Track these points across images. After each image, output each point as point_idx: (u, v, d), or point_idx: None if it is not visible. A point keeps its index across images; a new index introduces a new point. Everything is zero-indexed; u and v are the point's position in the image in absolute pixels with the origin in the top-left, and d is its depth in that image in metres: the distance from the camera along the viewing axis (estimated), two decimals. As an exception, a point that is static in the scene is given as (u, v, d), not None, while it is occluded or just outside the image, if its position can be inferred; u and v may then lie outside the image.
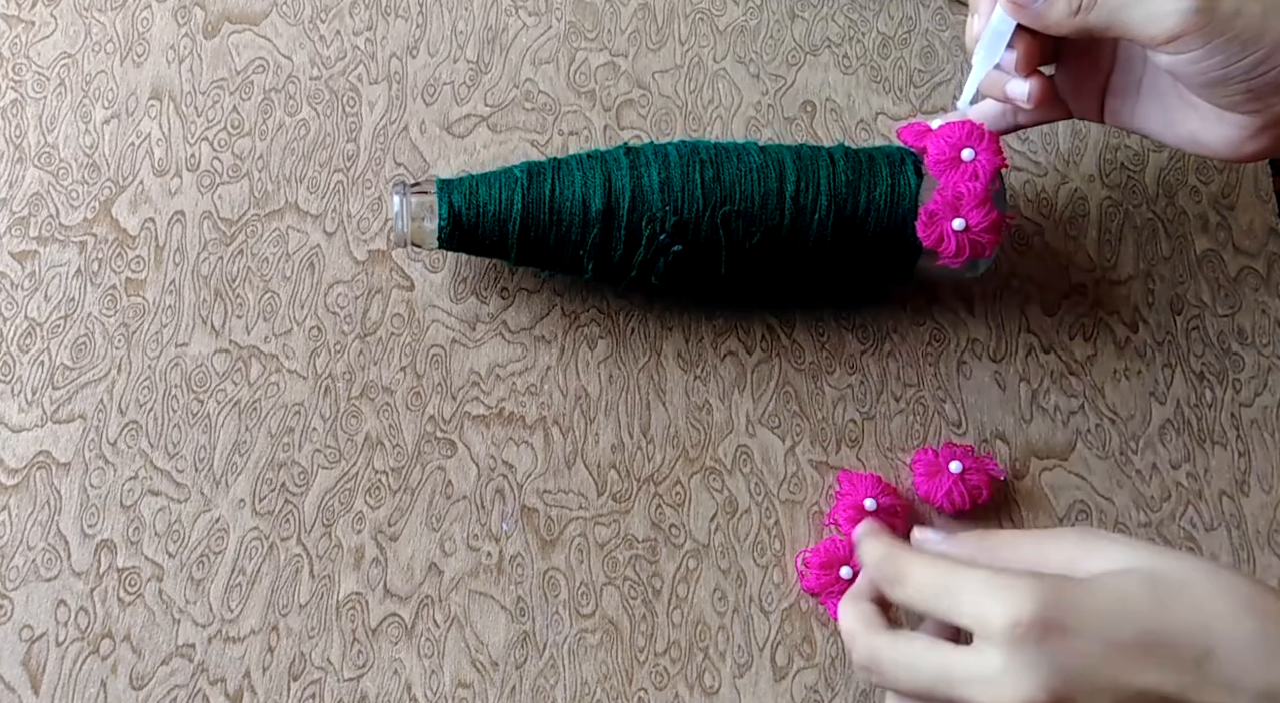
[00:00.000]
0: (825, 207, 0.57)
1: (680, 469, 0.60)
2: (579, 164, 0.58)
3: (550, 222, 0.57)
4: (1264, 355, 0.64)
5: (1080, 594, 0.43)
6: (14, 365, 0.60)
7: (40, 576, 0.56)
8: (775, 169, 0.58)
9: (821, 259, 0.59)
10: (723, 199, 0.57)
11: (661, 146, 0.59)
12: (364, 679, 0.56)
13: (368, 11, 0.68)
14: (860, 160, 0.59)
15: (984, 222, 0.56)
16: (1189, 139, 0.55)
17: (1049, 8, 0.51)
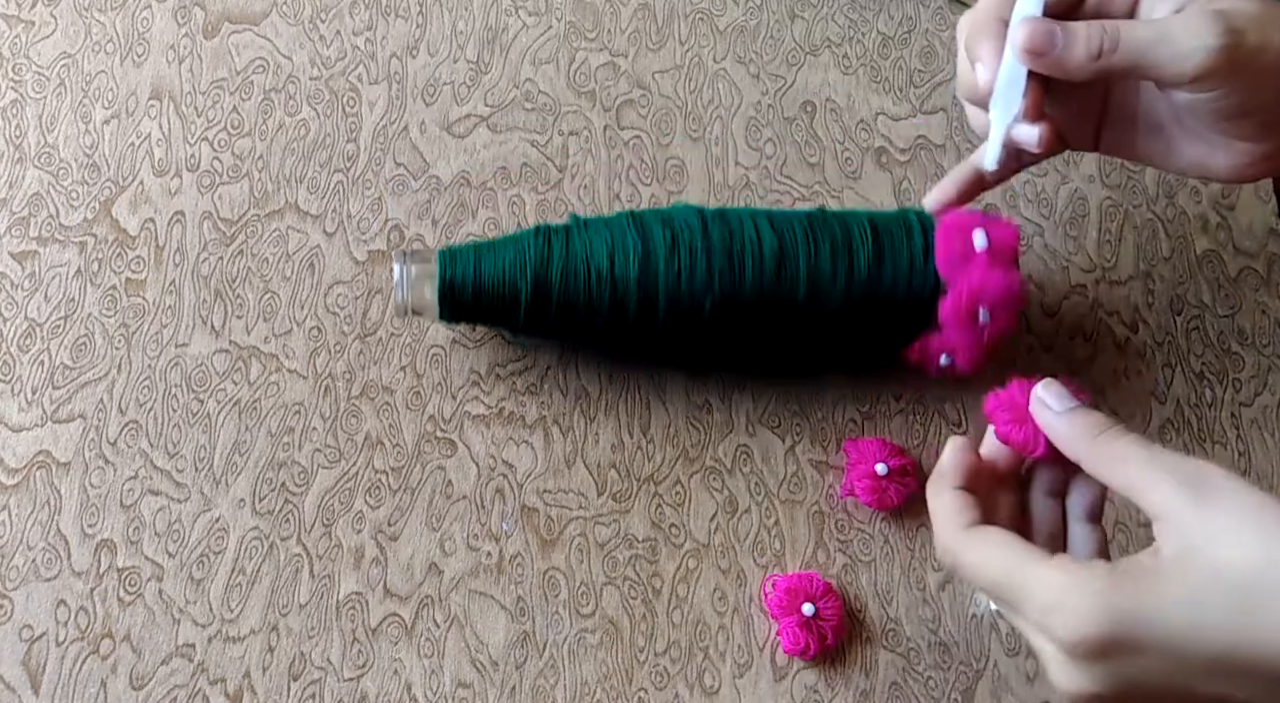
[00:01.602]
0: (843, 295, 0.56)
1: (680, 469, 0.60)
2: (586, 246, 0.56)
3: (558, 306, 0.56)
4: (1264, 355, 0.64)
5: (1156, 609, 0.40)
6: (14, 365, 0.60)
7: (40, 576, 0.56)
8: (794, 262, 0.56)
9: (836, 336, 0.59)
10: (739, 290, 0.56)
11: (673, 227, 0.57)
12: (364, 679, 0.56)
13: (368, 11, 0.68)
14: (880, 240, 0.57)
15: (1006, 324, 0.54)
16: (1191, 166, 0.53)
17: (1069, 54, 0.48)
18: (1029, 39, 0.49)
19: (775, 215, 0.57)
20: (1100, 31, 0.48)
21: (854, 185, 0.67)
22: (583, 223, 0.57)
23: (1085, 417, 0.46)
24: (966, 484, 0.48)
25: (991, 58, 0.50)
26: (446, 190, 0.65)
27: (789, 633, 0.56)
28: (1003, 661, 0.58)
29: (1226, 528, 0.41)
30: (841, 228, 0.57)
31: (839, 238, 0.57)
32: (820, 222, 0.57)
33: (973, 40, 0.51)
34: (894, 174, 0.67)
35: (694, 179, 0.66)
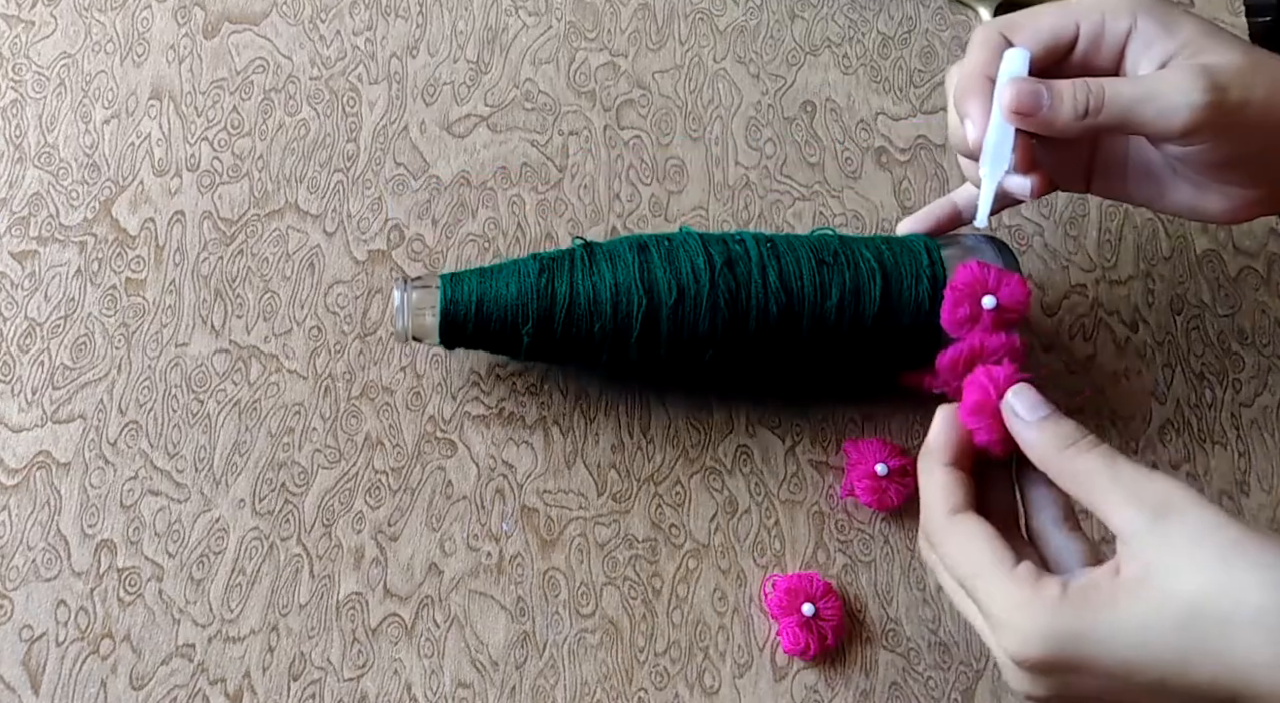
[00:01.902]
0: (845, 341, 0.57)
1: (680, 469, 0.60)
2: (590, 291, 0.56)
3: (560, 342, 0.56)
4: (1264, 355, 0.64)
5: (1102, 633, 0.41)
6: (14, 365, 0.60)
7: (40, 576, 0.56)
8: (799, 317, 0.56)
9: (833, 366, 0.59)
10: (742, 340, 0.56)
11: (679, 279, 0.56)
12: (364, 679, 0.56)
13: (368, 11, 0.68)
14: (889, 288, 0.56)
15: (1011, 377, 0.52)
16: (1184, 208, 0.54)
17: (1055, 114, 0.49)
18: (1015, 100, 0.49)
19: (784, 257, 0.57)
20: (1086, 90, 0.49)
21: (854, 185, 0.67)
22: (587, 256, 0.56)
23: (1055, 427, 0.46)
24: (957, 460, 0.47)
25: (980, 116, 0.50)
26: (446, 190, 0.65)
27: (789, 633, 0.56)
28: (1003, 661, 0.58)
29: (1182, 554, 0.42)
30: (851, 274, 0.56)
31: (847, 287, 0.56)
32: (830, 267, 0.57)
33: (961, 98, 0.51)
34: (894, 174, 0.67)
35: (694, 179, 0.66)
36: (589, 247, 0.57)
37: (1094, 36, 0.50)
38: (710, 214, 0.65)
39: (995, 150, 0.50)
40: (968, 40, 0.53)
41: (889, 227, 0.65)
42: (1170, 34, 0.49)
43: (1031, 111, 0.49)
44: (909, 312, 0.57)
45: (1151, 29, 0.49)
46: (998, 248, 0.58)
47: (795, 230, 0.65)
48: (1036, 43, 0.50)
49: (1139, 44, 0.50)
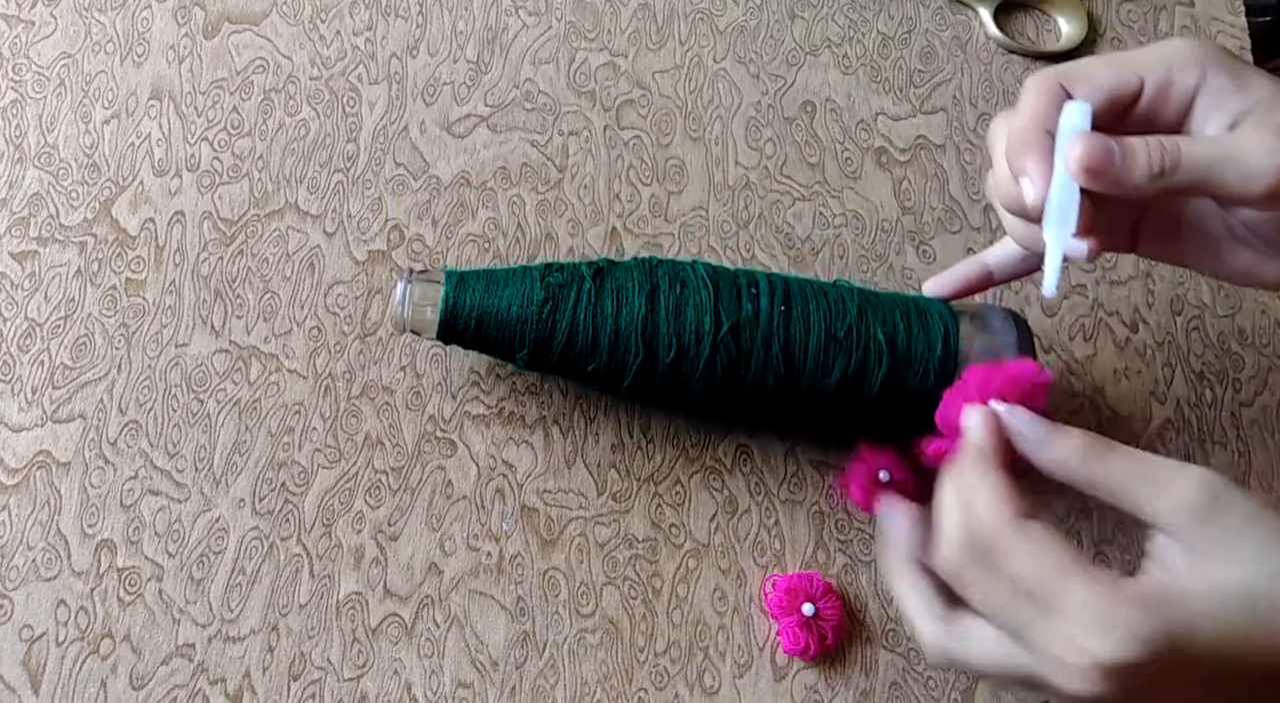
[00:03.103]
0: (845, 401, 0.56)
1: (680, 469, 0.60)
2: (590, 324, 0.55)
3: (556, 362, 0.56)
4: (1264, 355, 0.64)
5: (1184, 628, 0.41)
6: (14, 365, 0.60)
7: (40, 576, 0.56)
8: (798, 388, 0.55)
9: (836, 421, 0.59)
10: (737, 395, 0.56)
11: (680, 338, 0.55)
12: (364, 679, 0.56)
13: (368, 11, 0.68)
14: (896, 371, 0.55)
15: None
16: (1239, 274, 0.51)
17: (1128, 172, 0.45)
18: (1088, 157, 0.45)
19: (794, 326, 0.55)
20: (1160, 149, 0.46)
21: (854, 185, 0.67)
22: (594, 290, 0.55)
23: (1066, 441, 0.46)
24: (1007, 464, 0.46)
25: (1040, 174, 0.46)
26: (446, 190, 0.65)
27: (789, 633, 0.56)
28: (1003, 661, 0.58)
29: (1231, 541, 0.42)
30: (859, 355, 0.55)
31: (851, 368, 0.55)
32: (839, 342, 0.55)
33: (1017, 153, 0.47)
34: (894, 174, 0.67)
35: (694, 179, 0.66)
36: (599, 275, 0.56)
37: (1160, 90, 0.47)
38: (710, 214, 0.65)
39: (1060, 211, 0.46)
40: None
41: (888, 226, 0.66)
42: (1243, 91, 0.46)
43: (1103, 170, 0.45)
44: (910, 398, 0.55)
45: (1222, 85, 0.47)
46: (1017, 327, 0.56)
47: (795, 230, 0.65)
48: (1098, 96, 0.47)
49: (1208, 100, 0.47)
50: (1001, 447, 0.46)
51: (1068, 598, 0.42)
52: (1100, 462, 0.45)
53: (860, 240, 0.65)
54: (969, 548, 0.44)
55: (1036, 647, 0.43)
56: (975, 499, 0.45)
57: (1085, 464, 0.45)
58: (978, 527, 0.44)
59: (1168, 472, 0.44)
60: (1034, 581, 0.42)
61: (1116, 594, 0.41)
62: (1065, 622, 0.42)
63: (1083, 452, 0.45)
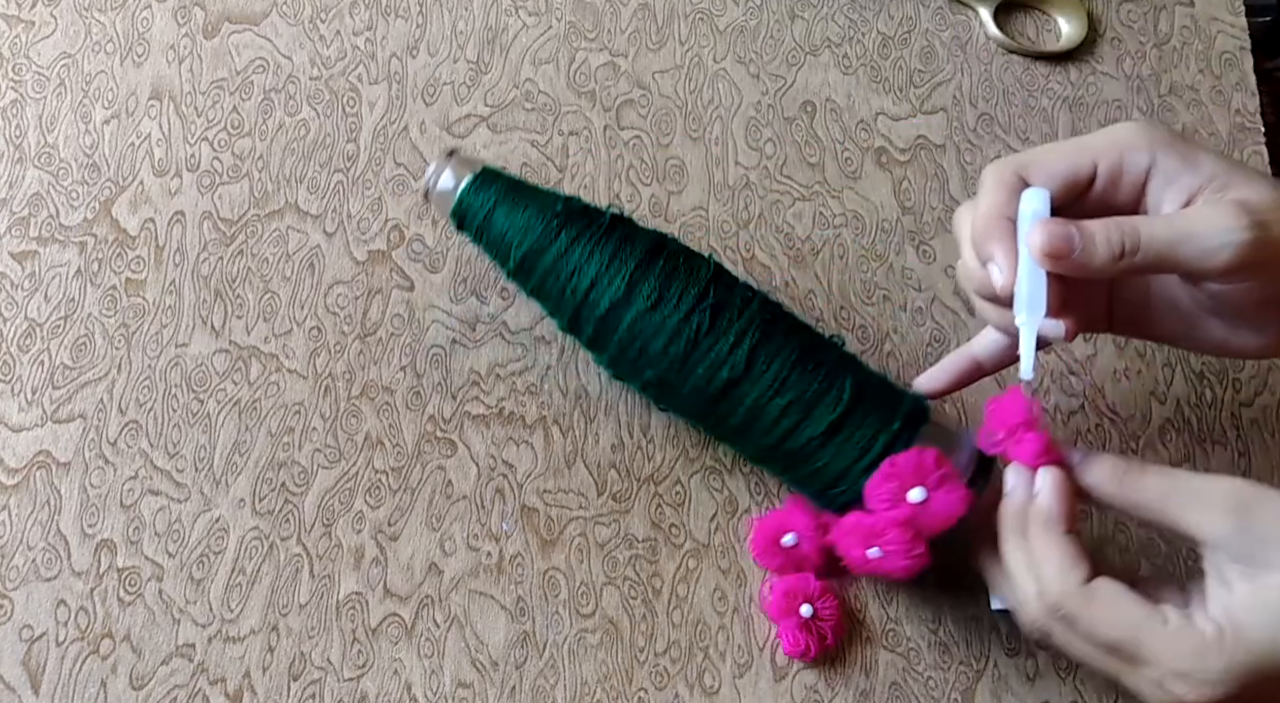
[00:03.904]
0: (779, 439, 0.55)
1: (680, 469, 0.60)
2: (573, 275, 0.55)
3: (531, 290, 0.57)
4: (1264, 355, 0.64)
5: (1263, 651, 0.43)
6: (14, 365, 0.60)
7: (40, 576, 0.56)
8: (751, 381, 0.54)
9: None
10: (691, 371, 0.55)
11: (632, 352, 0.55)
12: (364, 679, 0.56)
13: (368, 11, 0.68)
14: (841, 451, 0.54)
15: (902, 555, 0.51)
16: (1213, 346, 0.52)
17: (1090, 256, 0.46)
18: (1048, 243, 0.46)
19: (771, 334, 0.55)
20: (1119, 230, 0.46)
21: (854, 185, 0.67)
22: (593, 239, 0.56)
23: (1102, 463, 0.48)
24: (1073, 526, 0.48)
25: (1005, 259, 0.48)
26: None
27: (788, 635, 0.56)
28: (1002, 661, 0.58)
29: (1274, 544, 0.44)
30: (817, 386, 0.54)
31: (804, 398, 0.54)
32: (805, 368, 0.54)
33: (981, 240, 0.49)
34: (894, 174, 0.67)
35: (694, 179, 0.66)
36: (611, 226, 0.56)
37: (1113, 174, 0.48)
38: (710, 214, 0.65)
39: (1030, 297, 0.47)
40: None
41: (888, 226, 0.66)
42: (1193, 169, 0.47)
43: (1064, 254, 0.46)
44: (835, 477, 0.54)
45: (1172, 164, 0.48)
46: (980, 463, 0.53)
47: (795, 230, 0.65)
48: (1054, 183, 0.48)
49: (1160, 180, 0.48)
50: (1068, 511, 0.48)
51: (1148, 652, 0.45)
52: (1135, 482, 0.47)
53: (860, 240, 0.65)
54: (1048, 614, 0.47)
55: (1132, 685, 0.46)
56: (1044, 567, 0.47)
57: (1121, 487, 0.47)
58: (1050, 595, 0.47)
59: (1199, 484, 0.46)
60: (1114, 640, 0.45)
61: (1193, 640, 0.44)
62: (1151, 670, 0.45)
63: (1116, 475, 0.47)
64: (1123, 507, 0.48)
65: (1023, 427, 0.49)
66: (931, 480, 0.51)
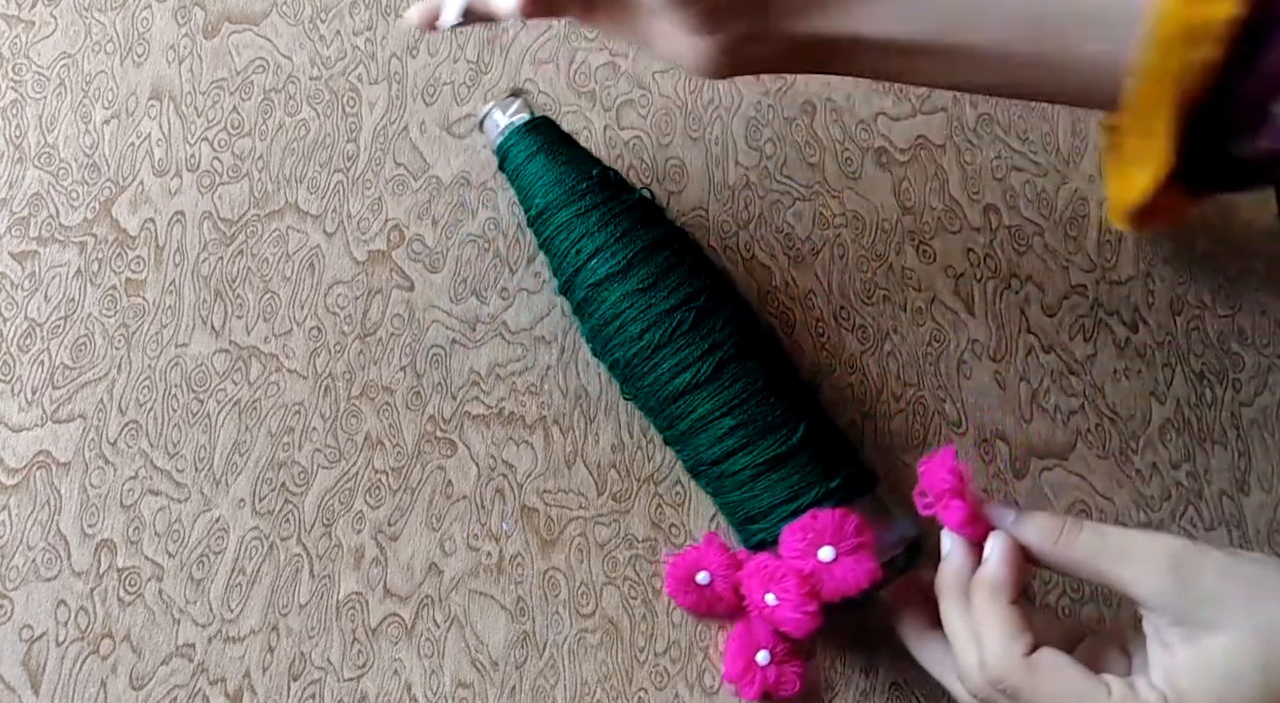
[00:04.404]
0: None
1: (680, 469, 0.60)
2: (587, 236, 0.57)
3: (539, 245, 0.59)
4: (1264, 355, 0.64)
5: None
6: (14, 365, 0.60)
7: (40, 576, 0.56)
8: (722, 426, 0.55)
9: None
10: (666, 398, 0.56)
11: (657, 292, 0.56)
12: (364, 679, 0.56)
13: (368, 11, 0.68)
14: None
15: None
16: (664, 59, 0.52)
17: None
18: None
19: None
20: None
21: (854, 185, 0.67)
22: (614, 219, 0.57)
23: (1036, 523, 0.47)
24: (1018, 596, 0.47)
25: None
26: (446, 190, 0.65)
27: (750, 686, 0.56)
28: (1003, 661, 0.58)
29: (1216, 604, 0.43)
30: (737, 388, 0.55)
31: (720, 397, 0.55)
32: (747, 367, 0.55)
33: None
34: (894, 174, 0.67)
35: (694, 179, 0.66)
36: (635, 205, 0.58)
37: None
38: (710, 214, 0.65)
39: None
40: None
41: (888, 226, 0.65)
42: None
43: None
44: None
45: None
46: (909, 552, 0.54)
47: (794, 230, 0.65)
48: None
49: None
50: (1015, 580, 0.47)
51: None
52: (1070, 541, 0.46)
53: (860, 240, 0.65)
54: (990, 685, 0.46)
55: None
56: (986, 637, 0.46)
57: (1055, 547, 0.46)
58: (992, 668, 0.45)
59: (1134, 542, 0.45)
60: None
61: (1133, 694, 0.43)
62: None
63: (1050, 534, 0.47)
64: (1058, 567, 0.47)
65: (949, 494, 0.48)
66: (845, 545, 0.51)
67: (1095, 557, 0.46)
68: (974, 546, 0.48)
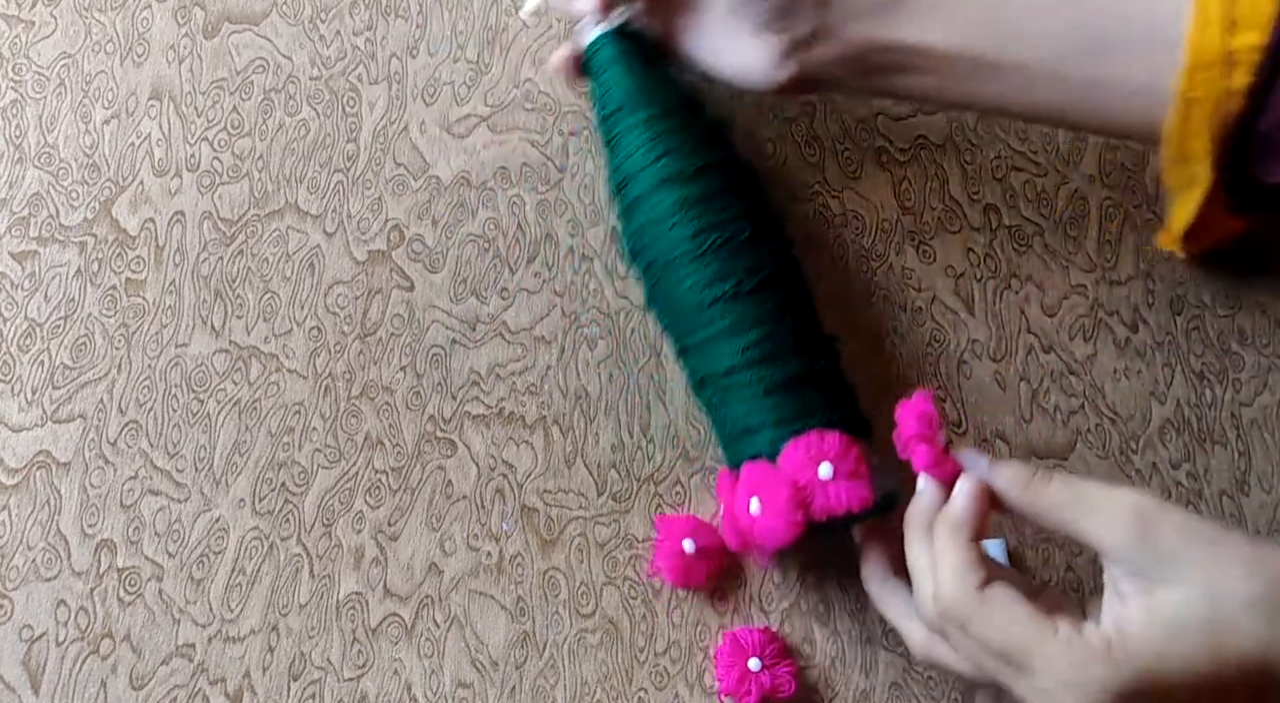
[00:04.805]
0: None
1: (680, 469, 0.60)
2: (683, 140, 0.58)
3: (624, 137, 0.59)
4: (1264, 355, 0.64)
5: (1151, 665, 0.43)
6: (14, 365, 0.60)
7: (40, 576, 0.56)
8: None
9: None
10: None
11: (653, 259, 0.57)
12: (364, 679, 0.56)
13: (368, 11, 0.68)
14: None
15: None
16: (731, 67, 0.56)
17: None
18: None
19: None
20: None
21: (854, 185, 0.67)
22: (704, 126, 0.59)
23: (1007, 470, 0.48)
24: (980, 533, 0.48)
25: None
26: (446, 190, 0.65)
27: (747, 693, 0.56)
28: (1003, 661, 0.58)
29: (1176, 561, 0.44)
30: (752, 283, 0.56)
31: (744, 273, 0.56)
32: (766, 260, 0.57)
33: None
34: (894, 174, 0.67)
35: (694, 179, 0.66)
36: (706, 127, 0.59)
37: None
38: (710, 214, 0.65)
39: None
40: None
41: (888, 226, 0.65)
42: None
43: None
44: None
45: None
46: (886, 501, 0.54)
47: (795, 230, 0.65)
48: None
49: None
50: (977, 520, 0.48)
51: (1037, 660, 0.44)
52: (1039, 491, 0.47)
53: (860, 240, 0.65)
54: (940, 616, 0.47)
55: (1022, 694, 0.46)
56: (942, 568, 0.47)
57: (1024, 494, 0.48)
58: (945, 597, 0.47)
59: (1102, 495, 0.46)
60: (1004, 646, 0.45)
61: (1080, 652, 0.44)
62: (1039, 679, 0.44)
63: (1020, 482, 0.48)
64: (1026, 514, 0.48)
65: (915, 438, 0.49)
66: (845, 468, 0.52)
67: (1062, 506, 0.47)
68: (946, 487, 0.50)
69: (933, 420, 0.50)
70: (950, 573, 0.47)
